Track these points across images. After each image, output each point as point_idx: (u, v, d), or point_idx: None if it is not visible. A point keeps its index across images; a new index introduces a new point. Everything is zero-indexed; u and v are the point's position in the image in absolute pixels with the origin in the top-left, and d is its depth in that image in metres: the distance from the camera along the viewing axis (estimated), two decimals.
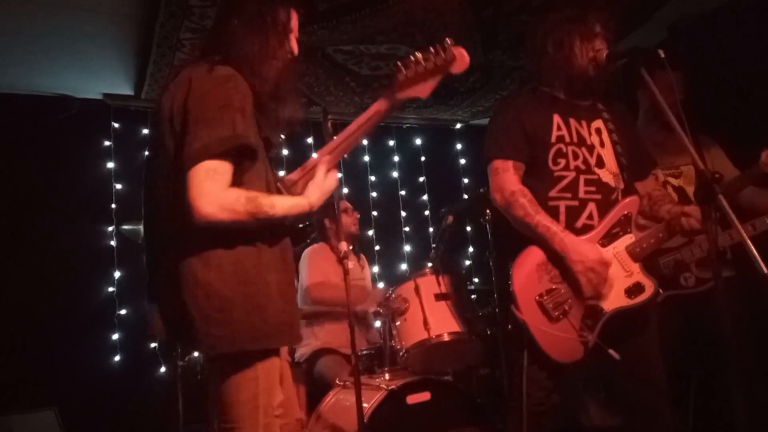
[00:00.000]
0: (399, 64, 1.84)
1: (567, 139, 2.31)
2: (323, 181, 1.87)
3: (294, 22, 1.94)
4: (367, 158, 5.46)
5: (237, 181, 1.67)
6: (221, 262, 1.66)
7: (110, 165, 4.46)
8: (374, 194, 5.41)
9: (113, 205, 4.41)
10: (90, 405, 3.88)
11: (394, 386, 2.78)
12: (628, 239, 2.26)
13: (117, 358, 4.18)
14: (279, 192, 1.85)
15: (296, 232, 1.91)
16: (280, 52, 1.87)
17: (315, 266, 3.80)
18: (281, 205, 1.73)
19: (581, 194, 2.28)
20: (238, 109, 1.67)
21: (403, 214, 5.51)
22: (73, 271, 4.08)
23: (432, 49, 1.84)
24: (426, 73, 1.86)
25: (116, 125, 4.54)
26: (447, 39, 1.83)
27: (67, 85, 4.29)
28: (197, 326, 1.64)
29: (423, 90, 1.88)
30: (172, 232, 1.70)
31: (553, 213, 2.26)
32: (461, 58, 1.86)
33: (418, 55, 1.83)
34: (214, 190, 1.60)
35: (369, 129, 2.02)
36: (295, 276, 3.25)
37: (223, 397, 1.70)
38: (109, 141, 4.50)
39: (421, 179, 5.66)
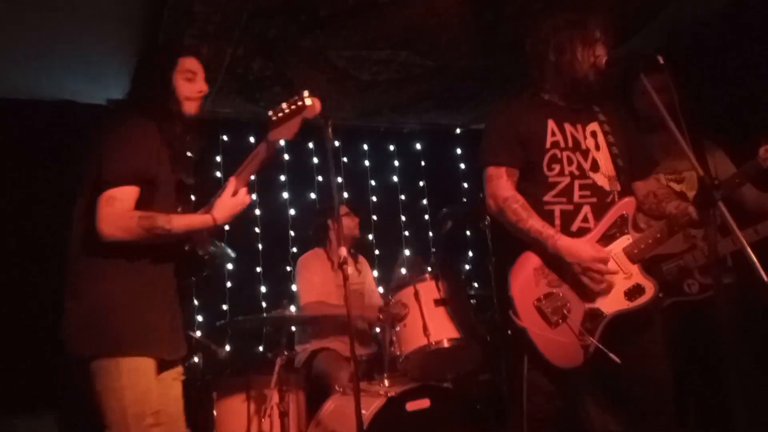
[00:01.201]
0: (270, 111, 2.16)
1: (562, 144, 2.32)
2: (229, 199, 2.12)
3: (188, 67, 2.21)
4: (367, 162, 5.45)
5: (145, 207, 1.97)
6: (99, 275, 1.96)
7: None
8: (374, 198, 5.41)
9: None
10: (89, 410, 3.86)
11: (393, 393, 2.78)
12: (625, 240, 2.26)
13: None
14: None
15: (194, 262, 2.18)
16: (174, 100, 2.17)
17: (308, 281, 3.79)
18: (180, 221, 2.01)
19: (576, 198, 2.29)
20: (138, 148, 1.99)
21: (403, 218, 5.50)
22: None
23: (294, 97, 2.15)
24: (287, 117, 2.14)
25: None
26: (305, 91, 2.14)
27: (71, 91, 4.28)
28: (68, 330, 1.96)
29: (286, 132, 2.16)
30: (70, 246, 2.02)
31: (549, 217, 2.27)
32: (312, 107, 2.16)
33: (283, 104, 2.14)
34: (111, 213, 1.90)
35: (256, 168, 2.23)
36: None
37: (95, 400, 1.94)
38: None
39: (421, 183, 5.64)
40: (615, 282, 2.20)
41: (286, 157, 5.07)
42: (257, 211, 4.87)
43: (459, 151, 5.86)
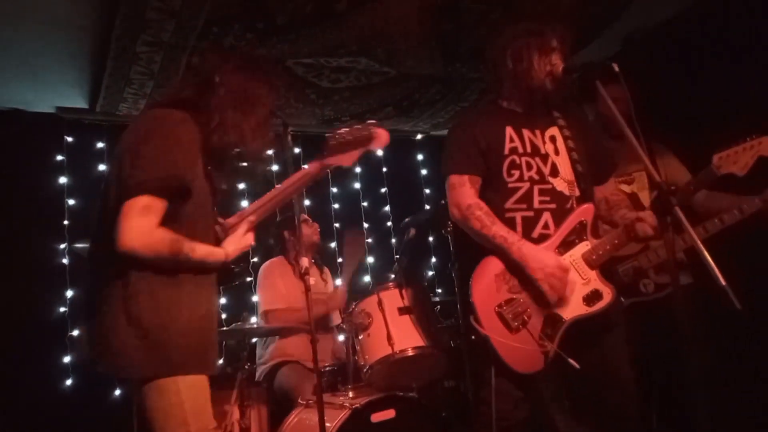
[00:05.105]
0: (330, 134, 2.08)
1: (520, 150, 2.35)
2: (242, 238, 2.05)
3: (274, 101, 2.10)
4: (328, 170, 5.41)
5: (172, 219, 1.79)
6: (143, 290, 1.77)
7: (63, 180, 4.32)
8: (336, 206, 5.38)
9: (65, 222, 4.26)
10: (41, 431, 3.74)
11: (357, 404, 2.74)
12: (584, 247, 2.28)
13: (69, 381, 4.03)
14: (215, 235, 2.03)
15: (224, 272, 2.06)
16: (254, 125, 2.02)
17: (270, 288, 3.74)
18: (200, 251, 1.86)
19: (536, 204, 2.31)
20: (183, 150, 1.81)
21: (366, 225, 5.47)
22: (23, 290, 3.93)
23: (358, 126, 2.08)
24: (350, 145, 2.10)
25: (69, 139, 4.41)
26: (371, 120, 2.06)
27: (20, 99, 4.15)
28: (115, 350, 1.74)
29: (347, 159, 2.13)
30: (105, 258, 1.79)
31: (510, 224, 2.29)
32: (380, 138, 2.10)
33: (346, 129, 2.07)
34: (143, 227, 1.72)
35: (297, 190, 2.19)
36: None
37: (151, 426, 1.75)
38: (62, 155, 4.37)
39: (383, 190, 5.63)
40: (574, 288, 2.22)
41: (245, 164, 4.99)
42: None
43: (420, 157, 5.89)
